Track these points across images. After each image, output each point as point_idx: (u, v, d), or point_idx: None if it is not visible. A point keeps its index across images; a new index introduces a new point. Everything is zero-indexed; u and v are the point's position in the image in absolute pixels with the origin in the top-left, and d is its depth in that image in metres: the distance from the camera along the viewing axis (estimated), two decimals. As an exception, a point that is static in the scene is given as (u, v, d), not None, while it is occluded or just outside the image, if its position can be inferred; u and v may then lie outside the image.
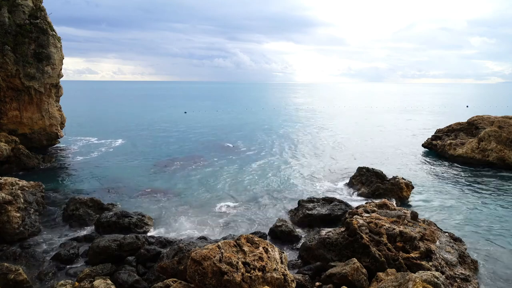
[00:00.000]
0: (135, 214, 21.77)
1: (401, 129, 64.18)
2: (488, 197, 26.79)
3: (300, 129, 63.58)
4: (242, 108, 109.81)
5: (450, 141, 39.92)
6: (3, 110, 35.83)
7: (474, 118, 42.21)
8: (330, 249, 16.58)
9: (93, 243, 17.52)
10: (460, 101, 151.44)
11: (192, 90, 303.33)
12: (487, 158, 35.35)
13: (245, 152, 42.79)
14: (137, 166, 35.71)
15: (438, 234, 17.15)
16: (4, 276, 14.43)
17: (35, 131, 38.26)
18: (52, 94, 39.28)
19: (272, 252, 13.05)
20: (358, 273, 14.01)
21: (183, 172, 33.31)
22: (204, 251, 12.21)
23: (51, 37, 37.24)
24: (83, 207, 22.55)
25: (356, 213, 18.45)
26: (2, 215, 19.10)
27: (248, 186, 29.34)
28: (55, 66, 37.72)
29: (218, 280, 11.59)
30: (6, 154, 31.95)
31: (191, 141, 49.63)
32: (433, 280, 11.70)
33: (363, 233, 15.95)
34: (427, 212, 23.81)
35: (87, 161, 37.34)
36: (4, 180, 21.32)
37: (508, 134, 35.52)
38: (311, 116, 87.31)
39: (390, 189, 25.97)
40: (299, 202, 24.02)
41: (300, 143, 49.05)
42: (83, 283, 13.84)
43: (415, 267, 14.39)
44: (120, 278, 14.96)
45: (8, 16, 34.75)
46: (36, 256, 17.62)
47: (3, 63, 34.09)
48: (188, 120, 75.33)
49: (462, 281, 14.38)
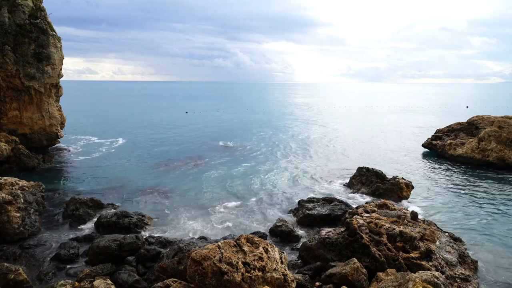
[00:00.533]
0: (135, 214, 21.79)
1: (401, 129, 64.19)
2: (488, 197, 26.79)
3: (300, 129, 63.58)
4: (242, 108, 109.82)
5: (450, 141, 39.91)
6: (3, 110, 35.82)
7: (474, 118, 42.19)
8: (330, 249, 16.58)
9: (93, 243, 17.53)
10: (460, 101, 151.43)
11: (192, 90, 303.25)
12: (487, 158, 35.35)
13: (245, 152, 42.79)
14: (137, 166, 35.72)
15: (438, 234, 17.14)
16: (4, 276, 14.43)
17: (35, 131, 38.24)
18: (52, 94, 39.27)
19: (272, 252, 13.04)
20: (358, 273, 14.01)
21: (183, 172, 33.32)
22: (204, 251, 12.20)
23: (51, 37, 37.22)
24: (83, 207, 22.57)
25: (356, 213, 18.45)
26: (2, 215, 19.11)
27: (248, 186, 29.35)
28: (55, 66, 37.71)
29: (218, 280, 11.58)
30: (6, 154, 31.95)
31: (191, 141, 49.63)
32: (433, 280, 11.69)
33: (363, 233, 15.95)
34: (427, 212, 23.81)
35: (87, 161, 37.34)
36: (4, 180, 21.32)
37: (508, 134, 35.52)
38: (311, 116, 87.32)
39: (390, 189, 25.99)
40: (299, 202, 24.03)
41: (300, 143, 49.06)
42: (83, 283, 13.84)
43: (415, 267, 14.38)
44: (120, 278, 14.97)
45: (8, 16, 34.74)
46: (36, 256, 17.62)
47: (3, 63, 34.08)
48: (188, 120, 75.34)
49: (462, 281, 14.37)
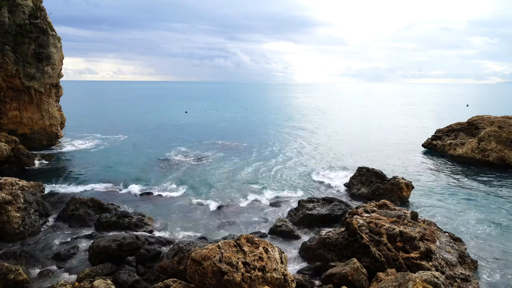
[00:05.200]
0: (135, 214, 21.80)
1: (401, 129, 64.16)
2: (488, 197, 26.79)
3: (300, 129, 63.58)
4: (242, 108, 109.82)
5: (450, 141, 39.91)
6: (3, 110, 35.83)
7: (474, 118, 42.19)
8: (330, 249, 16.59)
9: (93, 243, 17.52)
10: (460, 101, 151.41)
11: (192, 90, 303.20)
12: (487, 158, 35.34)
13: (245, 152, 42.78)
14: (137, 165, 35.70)
15: (438, 234, 17.14)
16: (4, 276, 14.43)
17: (35, 131, 38.26)
18: (52, 94, 39.29)
19: (272, 252, 13.05)
20: (358, 273, 14.01)
21: (183, 172, 33.33)
22: (204, 251, 12.21)
23: (51, 37, 37.24)
24: (83, 207, 22.56)
25: (356, 213, 18.44)
26: (2, 215, 19.11)
27: (248, 186, 29.34)
28: (55, 66, 37.72)
29: (218, 280, 11.58)
30: (6, 154, 31.95)
31: (191, 141, 49.62)
32: (433, 280, 11.69)
33: (363, 233, 15.95)
34: (427, 212, 23.81)
35: (87, 161, 37.32)
36: (4, 180, 21.32)
37: (508, 134, 35.52)
38: (312, 116, 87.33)
39: (390, 189, 25.96)
40: (299, 202, 24.02)
41: (300, 143, 49.06)
42: (83, 283, 13.83)
43: (415, 267, 14.38)
44: (120, 278, 14.97)
45: (8, 16, 34.75)
46: (36, 256, 17.60)
47: (3, 63, 34.09)
48: (188, 120, 75.34)
49: (462, 281, 14.37)
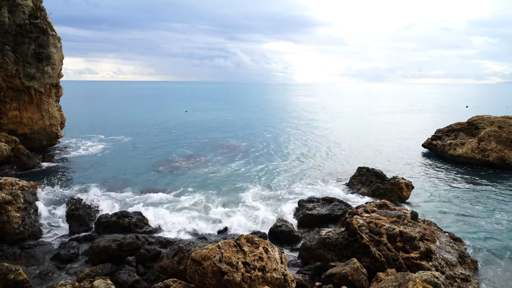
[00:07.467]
0: (135, 214, 21.76)
1: (401, 129, 64.13)
2: (488, 197, 26.78)
3: (300, 129, 63.54)
4: (242, 108, 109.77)
5: (450, 141, 39.90)
6: (3, 110, 35.81)
7: (474, 118, 42.16)
8: (330, 249, 16.58)
9: (93, 243, 17.52)
10: (460, 101, 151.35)
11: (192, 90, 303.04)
12: (487, 158, 35.34)
13: (245, 152, 42.77)
14: (137, 165, 35.70)
15: (438, 234, 17.14)
16: (4, 276, 14.42)
17: (35, 131, 38.22)
18: (52, 94, 39.26)
19: (272, 252, 13.05)
20: (358, 273, 14.01)
21: (183, 172, 33.32)
22: (204, 251, 12.21)
23: (51, 37, 37.21)
24: (83, 207, 22.56)
25: (356, 213, 18.44)
26: (2, 215, 19.10)
27: (248, 185, 29.32)
28: (55, 66, 37.69)
29: (218, 280, 11.59)
30: (6, 154, 31.94)
31: (191, 141, 49.61)
32: (433, 280, 11.69)
33: (363, 233, 15.95)
34: (427, 212, 23.80)
35: (87, 161, 37.32)
36: (4, 180, 21.32)
37: (508, 134, 35.51)
38: (312, 116, 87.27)
39: (390, 189, 25.96)
40: (299, 202, 24.01)
41: (300, 143, 49.03)
42: (83, 283, 13.83)
43: (415, 267, 14.38)
44: (120, 278, 14.97)
45: (8, 16, 34.73)
46: (36, 256, 17.60)
47: (3, 63, 34.06)
48: (188, 120, 75.29)
49: (462, 281, 14.37)
